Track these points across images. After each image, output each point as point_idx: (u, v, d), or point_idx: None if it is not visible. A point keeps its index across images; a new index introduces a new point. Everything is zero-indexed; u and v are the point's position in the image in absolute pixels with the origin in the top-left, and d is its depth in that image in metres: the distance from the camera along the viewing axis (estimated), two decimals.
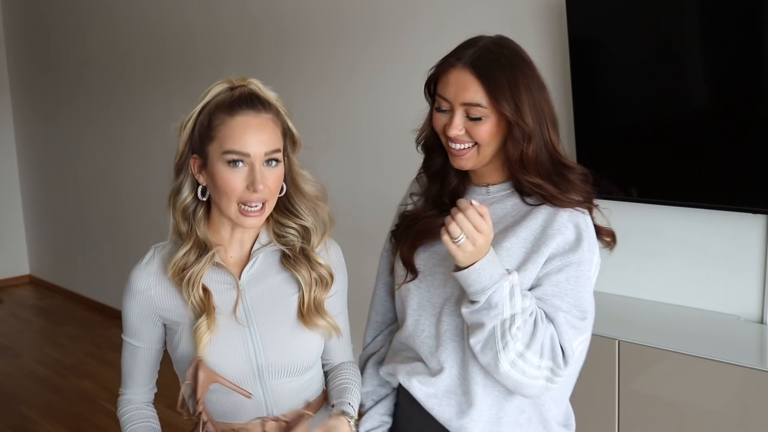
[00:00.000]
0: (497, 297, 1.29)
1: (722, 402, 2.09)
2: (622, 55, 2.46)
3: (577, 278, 1.36)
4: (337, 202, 1.59)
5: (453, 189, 1.47)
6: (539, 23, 2.72)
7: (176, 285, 1.39)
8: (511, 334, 1.29)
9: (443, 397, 1.43)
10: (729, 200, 2.29)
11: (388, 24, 3.26)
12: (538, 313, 1.32)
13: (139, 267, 1.45)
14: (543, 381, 1.34)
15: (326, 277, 1.46)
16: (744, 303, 2.38)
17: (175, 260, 1.38)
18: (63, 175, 5.82)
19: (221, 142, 1.33)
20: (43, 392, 4.14)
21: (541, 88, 1.39)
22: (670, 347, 2.17)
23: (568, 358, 1.33)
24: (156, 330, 1.45)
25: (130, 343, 1.47)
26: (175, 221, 1.41)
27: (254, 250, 1.45)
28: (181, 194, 1.40)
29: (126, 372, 1.51)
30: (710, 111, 2.33)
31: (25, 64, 6.08)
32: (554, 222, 1.37)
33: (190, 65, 4.36)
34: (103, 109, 5.24)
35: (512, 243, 1.38)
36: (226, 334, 1.39)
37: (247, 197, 1.34)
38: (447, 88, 1.38)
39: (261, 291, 1.44)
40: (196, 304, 1.37)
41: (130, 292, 1.44)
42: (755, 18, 2.18)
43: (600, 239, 1.45)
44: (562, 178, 1.39)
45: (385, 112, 3.31)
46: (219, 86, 1.39)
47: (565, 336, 1.33)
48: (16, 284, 6.35)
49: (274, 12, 3.76)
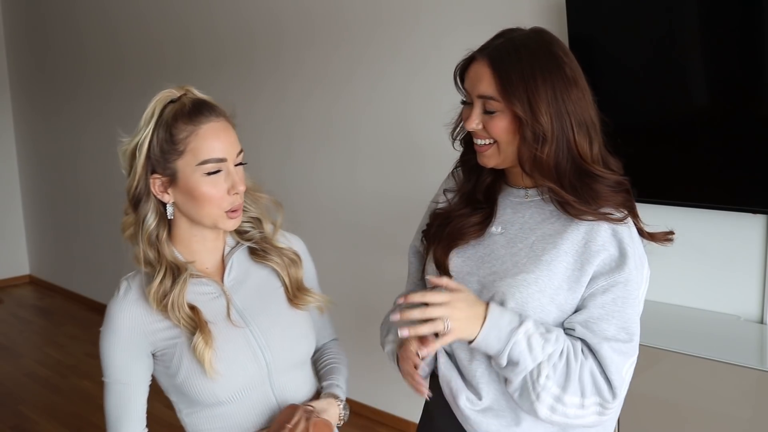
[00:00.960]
0: (515, 354, 1.24)
1: (722, 402, 2.09)
2: (622, 55, 2.46)
3: (624, 299, 1.29)
4: (337, 201, 1.59)
5: (487, 187, 1.42)
6: (539, 23, 2.70)
7: (162, 313, 1.35)
8: (540, 385, 1.25)
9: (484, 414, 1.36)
10: (729, 200, 2.29)
11: (388, 25, 3.26)
12: (570, 352, 1.26)
13: (117, 301, 1.38)
14: (593, 416, 1.29)
15: (293, 256, 1.49)
16: (744, 303, 2.38)
17: (153, 291, 1.34)
18: (63, 175, 5.82)
19: (195, 154, 1.31)
20: (43, 392, 4.14)
21: (568, 86, 1.28)
22: (670, 347, 2.17)
23: (616, 390, 1.28)
24: (146, 363, 1.39)
25: (118, 385, 1.38)
26: (143, 251, 1.36)
27: (226, 254, 1.45)
28: (147, 222, 1.36)
29: (117, 417, 1.40)
30: (710, 111, 2.33)
31: (25, 64, 6.08)
32: (597, 236, 1.29)
33: (189, 65, 4.36)
34: (102, 109, 5.24)
35: (552, 257, 1.30)
36: (229, 340, 1.38)
37: (233, 202, 1.34)
38: (467, 80, 1.34)
39: (247, 291, 1.44)
40: (187, 324, 1.34)
41: (113, 330, 1.36)
42: (755, 18, 2.18)
43: (657, 243, 1.39)
44: (585, 187, 1.29)
45: (385, 112, 3.31)
46: (161, 100, 1.35)
47: (612, 367, 1.27)
48: (16, 284, 6.36)
49: (273, 12, 3.76)
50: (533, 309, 1.29)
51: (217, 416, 1.39)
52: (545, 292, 1.29)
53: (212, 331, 1.34)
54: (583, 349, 1.28)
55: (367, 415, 3.59)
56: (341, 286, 3.45)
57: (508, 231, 1.38)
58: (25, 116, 6.22)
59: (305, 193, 3.75)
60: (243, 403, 1.38)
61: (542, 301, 1.29)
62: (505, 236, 1.37)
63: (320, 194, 3.67)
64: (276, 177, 3.87)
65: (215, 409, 1.38)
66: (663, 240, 1.39)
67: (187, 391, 1.37)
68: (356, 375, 1.84)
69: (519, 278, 1.30)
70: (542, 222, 1.35)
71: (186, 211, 1.36)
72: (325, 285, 1.63)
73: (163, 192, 1.35)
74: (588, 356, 1.27)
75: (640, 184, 2.48)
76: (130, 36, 4.85)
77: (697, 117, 2.36)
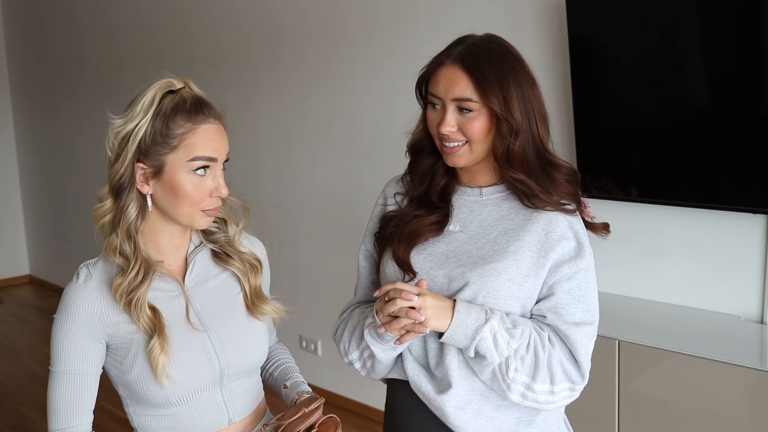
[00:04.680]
0: (482, 349, 1.32)
1: (722, 402, 2.09)
2: (622, 55, 2.46)
3: (587, 284, 1.39)
4: (337, 201, 1.59)
5: (442, 188, 1.48)
6: (539, 23, 2.72)
7: (124, 308, 1.32)
8: (510, 377, 1.34)
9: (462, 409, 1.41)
10: (729, 200, 2.29)
11: (387, 24, 3.26)
12: (537, 343, 1.34)
13: (76, 287, 1.35)
14: (565, 400, 1.38)
15: (254, 262, 1.48)
16: (744, 303, 2.38)
17: (123, 286, 1.31)
18: (63, 175, 5.82)
19: (188, 150, 1.30)
20: (43, 392, 4.10)
21: (531, 84, 1.39)
22: (670, 347, 2.17)
23: (585, 372, 1.38)
24: (100, 352, 1.35)
25: (69, 375, 1.34)
26: (120, 242, 1.33)
27: (189, 253, 1.43)
28: (128, 213, 1.33)
29: (65, 409, 1.35)
30: (710, 111, 2.33)
31: (25, 63, 6.08)
32: (557, 227, 1.39)
33: (188, 64, 4.36)
34: (102, 108, 5.21)
35: (517, 248, 1.38)
36: (185, 344, 1.35)
37: (211, 203, 1.33)
38: (438, 85, 1.38)
39: (206, 294, 1.42)
40: (146, 325, 1.31)
41: (68, 316, 1.33)
42: (755, 18, 2.17)
43: (595, 233, 1.47)
44: (546, 176, 1.40)
45: (384, 111, 3.31)
46: (161, 89, 1.33)
47: (582, 350, 1.37)
48: (16, 284, 6.36)
49: (271, 11, 3.76)
50: (504, 297, 1.37)
51: (164, 416, 1.37)
52: (514, 280, 1.37)
53: (168, 336, 1.32)
54: (550, 337, 1.37)
55: (367, 415, 3.59)
56: (341, 286, 3.45)
57: (467, 229, 1.44)
58: (25, 116, 6.22)
59: (304, 192, 3.75)
60: (191, 405, 1.37)
61: (512, 289, 1.37)
62: (465, 234, 1.44)
63: (319, 193, 3.66)
64: (275, 176, 3.87)
65: (163, 409, 1.36)
66: (601, 231, 1.48)
67: (137, 390, 1.35)
68: (356, 375, 1.83)
69: (489, 268, 1.37)
70: (500, 219, 1.43)
71: (163, 206, 1.34)
72: (325, 284, 1.63)
73: (144, 183, 1.33)
74: (555, 344, 1.37)
75: (640, 184, 2.50)
76: (130, 35, 4.85)
77: (697, 117, 2.36)
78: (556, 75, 2.68)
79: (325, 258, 3.66)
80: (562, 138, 2.65)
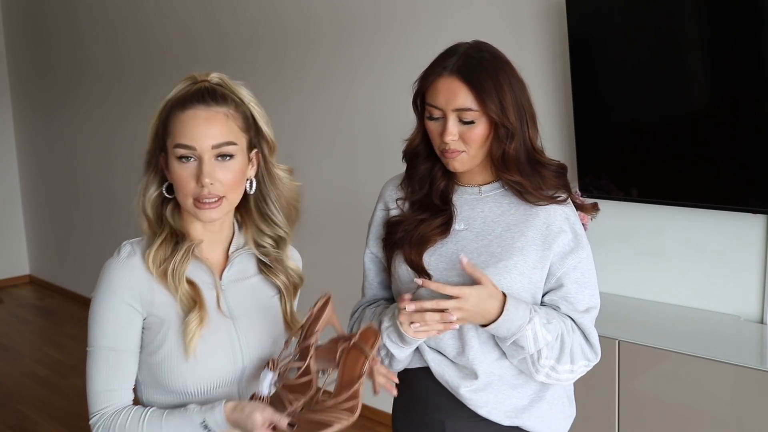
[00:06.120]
0: (521, 342, 1.42)
1: (722, 402, 2.09)
2: (622, 55, 2.46)
3: (590, 270, 1.51)
4: (337, 202, 1.60)
5: (442, 191, 1.53)
6: (539, 23, 2.72)
7: (160, 279, 1.33)
8: (540, 364, 1.45)
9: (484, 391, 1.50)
10: (729, 200, 2.29)
11: (389, 25, 3.26)
12: (564, 332, 1.46)
13: (118, 262, 1.36)
14: (581, 374, 1.52)
15: (297, 281, 1.50)
16: (744, 303, 2.38)
17: (153, 252, 1.33)
18: (63, 175, 5.82)
19: (173, 137, 1.32)
20: (43, 392, 4.14)
21: (522, 87, 1.46)
22: (670, 347, 2.17)
23: (597, 350, 1.51)
24: (139, 330, 1.34)
25: (109, 352, 1.32)
26: (146, 216, 1.38)
27: (231, 252, 1.43)
28: (148, 190, 1.38)
29: (105, 387, 1.32)
30: (710, 111, 2.33)
31: (25, 64, 6.08)
32: (555, 221, 1.48)
33: (189, 65, 4.36)
34: (103, 109, 5.24)
35: (523, 243, 1.47)
36: (214, 330, 1.36)
37: (198, 192, 1.31)
38: (437, 97, 1.43)
39: (240, 291, 1.42)
40: (185, 298, 1.33)
41: (112, 290, 1.33)
42: (755, 18, 2.17)
43: (587, 214, 1.58)
44: (536, 174, 1.47)
45: (386, 113, 3.31)
46: (182, 82, 1.37)
47: (593, 333, 1.50)
48: (16, 284, 6.36)
49: (274, 12, 3.76)
50: (516, 290, 1.46)
51: (179, 405, 1.36)
52: (524, 273, 1.47)
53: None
54: (572, 324, 1.49)
55: (367, 415, 3.59)
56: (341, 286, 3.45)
57: (472, 227, 1.51)
58: (25, 116, 6.22)
59: (307, 193, 3.74)
60: (206, 399, 1.36)
61: (523, 282, 1.46)
62: (470, 231, 1.50)
63: (321, 194, 3.67)
64: None
65: (179, 397, 1.36)
66: (591, 211, 1.58)
67: (158, 372, 1.34)
68: None
69: (500, 266, 1.46)
70: (502, 215, 1.50)
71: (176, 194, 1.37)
72: (326, 285, 1.63)
73: (166, 169, 1.36)
74: (575, 329, 1.49)
75: (640, 184, 2.50)
76: (131, 36, 4.85)
77: (697, 117, 2.36)
78: (556, 75, 2.68)
79: (328, 258, 3.66)
80: (562, 138, 2.65)
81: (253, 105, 1.41)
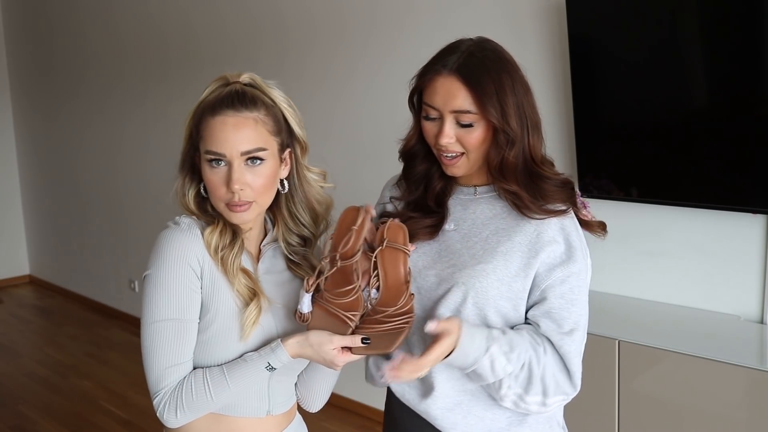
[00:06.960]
0: (479, 370, 1.31)
1: (722, 402, 2.09)
2: (622, 55, 2.46)
3: (579, 288, 1.38)
4: (337, 202, 1.59)
5: (438, 193, 1.47)
6: (539, 23, 2.72)
7: (217, 262, 1.34)
8: (502, 392, 1.35)
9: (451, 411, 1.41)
10: (729, 200, 2.29)
11: (387, 24, 3.26)
12: (532, 361, 1.33)
13: (180, 231, 1.34)
14: (555, 407, 1.39)
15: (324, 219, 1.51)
16: (744, 303, 2.38)
17: (215, 233, 1.34)
18: (63, 175, 5.82)
19: (205, 142, 1.33)
20: (43, 392, 4.14)
21: (526, 90, 1.37)
22: (670, 347, 2.17)
23: (576, 382, 1.37)
24: (200, 299, 1.33)
25: (173, 323, 1.30)
26: (192, 213, 1.39)
27: (263, 244, 1.45)
28: (187, 189, 1.40)
29: (173, 360, 1.30)
30: (710, 111, 2.33)
31: (25, 63, 6.08)
32: (548, 229, 1.37)
33: (191, 65, 4.36)
34: (103, 109, 5.24)
35: (507, 248, 1.38)
36: (262, 315, 1.38)
37: (228, 198, 1.33)
38: (434, 97, 1.35)
39: (275, 282, 1.44)
40: (243, 291, 1.34)
41: (174, 258, 1.30)
42: (755, 18, 2.18)
43: (592, 233, 1.46)
44: (535, 186, 1.38)
45: (385, 111, 3.31)
46: (214, 83, 1.38)
47: (574, 360, 1.36)
48: (16, 284, 6.36)
49: (276, 11, 3.76)
50: (493, 297, 1.36)
51: None
52: (503, 280, 1.36)
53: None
54: (545, 348, 1.35)
55: (367, 415, 3.59)
56: None
57: (460, 227, 1.43)
58: (25, 116, 6.22)
59: None
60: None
61: (501, 289, 1.36)
62: (458, 232, 1.43)
63: None
64: None
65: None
66: (597, 230, 1.46)
67: (206, 349, 1.34)
68: (356, 375, 1.84)
69: (478, 269, 1.37)
70: (493, 217, 1.42)
71: None
72: None
73: (200, 168, 1.37)
74: (549, 355, 1.35)
75: (640, 184, 2.50)
76: (132, 36, 4.85)
77: (697, 117, 2.36)
78: (556, 75, 2.68)
79: None
80: (562, 138, 2.65)
81: (285, 106, 1.42)
